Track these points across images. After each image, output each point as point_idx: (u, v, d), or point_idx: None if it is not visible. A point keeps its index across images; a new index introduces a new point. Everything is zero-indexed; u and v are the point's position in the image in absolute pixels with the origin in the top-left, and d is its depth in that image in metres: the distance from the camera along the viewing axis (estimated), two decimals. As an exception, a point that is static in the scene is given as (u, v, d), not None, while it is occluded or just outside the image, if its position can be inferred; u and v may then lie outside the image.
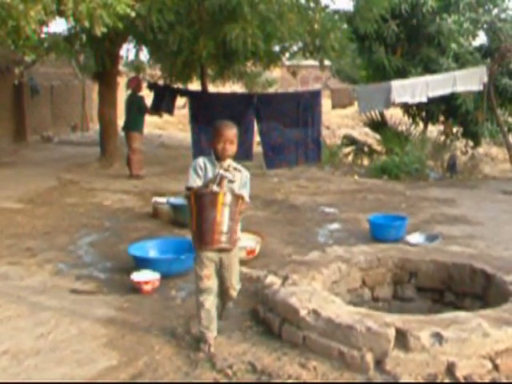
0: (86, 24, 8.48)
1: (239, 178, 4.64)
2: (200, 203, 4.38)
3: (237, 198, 4.47)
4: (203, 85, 16.77)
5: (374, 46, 15.42)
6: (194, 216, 4.41)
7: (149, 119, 14.89)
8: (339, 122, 25.93)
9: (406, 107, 16.45)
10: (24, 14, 7.82)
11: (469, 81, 12.76)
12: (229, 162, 4.62)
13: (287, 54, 15.65)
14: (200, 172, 4.53)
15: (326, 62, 14.37)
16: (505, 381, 3.79)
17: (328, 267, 5.41)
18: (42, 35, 11.34)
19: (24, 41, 9.26)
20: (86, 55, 16.31)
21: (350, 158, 16.44)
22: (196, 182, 4.51)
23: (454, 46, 15.51)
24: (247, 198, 4.64)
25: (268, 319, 4.86)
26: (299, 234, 8.14)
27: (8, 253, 7.19)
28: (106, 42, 12.36)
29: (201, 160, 4.60)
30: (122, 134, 13.18)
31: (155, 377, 4.19)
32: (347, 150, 16.74)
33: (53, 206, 9.69)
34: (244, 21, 10.34)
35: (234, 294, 4.78)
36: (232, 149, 4.58)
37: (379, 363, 4.16)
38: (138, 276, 5.91)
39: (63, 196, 10.59)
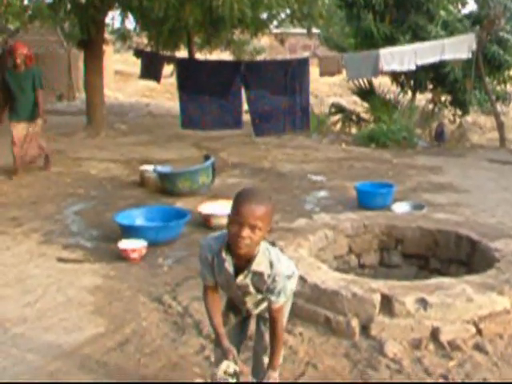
0: (70, -10, 8.39)
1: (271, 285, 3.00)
2: None
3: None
4: (190, 53, 16.70)
5: (362, 13, 15.31)
6: None
7: (136, 88, 14.79)
8: (327, 90, 25.83)
9: (395, 75, 16.38)
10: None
11: (457, 49, 12.68)
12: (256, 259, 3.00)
13: (275, 22, 15.58)
14: (210, 269, 3.10)
15: (314, 30, 14.32)
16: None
17: (315, 234, 5.42)
18: (25, 2, 11.20)
19: (6, 7, 9.18)
20: (70, 23, 16.10)
21: (338, 126, 16.40)
22: (207, 281, 3.14)
23: (442, 13, 15.43)
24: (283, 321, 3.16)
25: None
26: (286, 202, 8.14)
27: (-6, 222, 7.17)
28: (90, 9, 12.22)
29: (206, 249, 3.11)
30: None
31: (142, 343, 4.21)
32: (335, 118, 16.70)
33: (38, 176, 9.63)
34: (231, -14, 10.22)
35: None
36: (253, 239, 2.87)
37: (365, 328, 4.20)
38: (124, 244, 5.92)
39: (49, 165, 10.51)
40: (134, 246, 5.90)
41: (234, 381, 2.99)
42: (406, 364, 3.91)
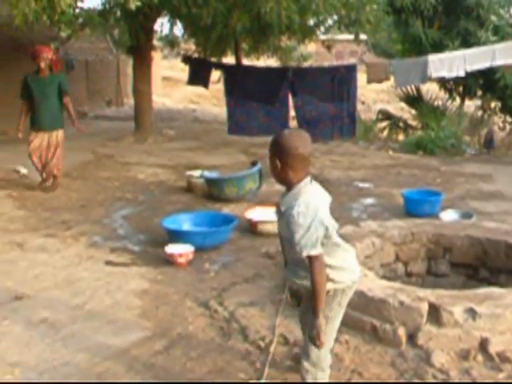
0: (121, -2, 8.54)
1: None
2: None
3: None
4: (237, 59, 16.75)
5: (410, 19, 15.18)
6: None
7: (183, 94, 14.92)
8: (375, 96, 25.71)
9: (443, 82, 16.21)
10: (59, -12, 7.88)
11: (509, 54, 12.46)
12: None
13: (322, 28, 15.52)
14: None
15: (362, 36, 14.23)
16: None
17: (361, 241, 5.39)
18: (77, 10, 11.40)
19: (59, 16, 9.31)
20: (120, 30, 16.34)
21: (385, 132, 16.30)
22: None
23: (493, 18, 15.17)
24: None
25: (301, 292, 4.87)
26: (333, 209, 8.00)
27: (44, 225, 7.31)
28: (140, 16, 12.39)
29: None
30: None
31: (188, 347, 4.24)
32: (382, 124, 16.60)
33: (88, 180, 9.80)
34: (278, -7, 10.25)
35: None
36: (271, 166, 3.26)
37: (411, 337, 4.16)
38: (172, 249, 5.96)
39: (98, 170, 10.71)
40: (181, 250, 5.94)
41: None
42: (454, 375, 3.86)
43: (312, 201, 3.13)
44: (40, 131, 8.72)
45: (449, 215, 7.31)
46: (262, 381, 3.52)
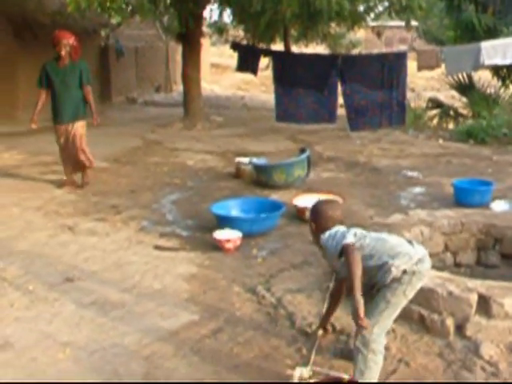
0: (171, -15, 8.59)
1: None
2: None
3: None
4: (286, 46, 16.72)
5: (463, 4, 14.89)
6: None
7: (232, 81, 14.95)
8: (425, 84, 25.32)
9: (496, 69, 15.82)
10: (111, -24, 7.98)
11: None
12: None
13: (372, 14, 15.36)
14: None
15: (413, 23, 14.04)
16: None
17: (410, 230, 5.34)
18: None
19: (110, 3, 9.39)
20: (169, 17, 16.43)
21: (435, 121, 16.02)
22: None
23: (551, 2, 14.77)
24: None
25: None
26: (381, 197, 8.06)
27: (94, 210, 7.44)
28: (189, 3, 12.46)
29: None
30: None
31: (235, 332, 4.29)
32: (432, 113, 16.33)
33: (137, 165, 9.93)
34: (329, -21, 10.19)
35: None
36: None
37: (459, 328, 4.13)
38: (220, 234, 6.01)
39: (147, 155, 10.83)
40: (229, 236, 5.98)
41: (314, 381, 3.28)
42: (503, 368, 3.81)
43: (334, 229, 3.61)
44: (62, 125, 8.20)
45: (500, 205, 7.20)
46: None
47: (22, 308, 4.71)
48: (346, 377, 3.32)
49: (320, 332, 3.85)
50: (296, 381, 3.34)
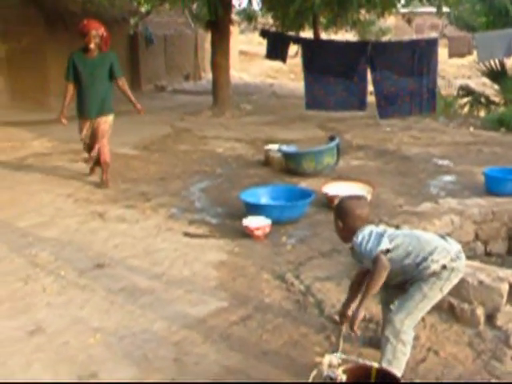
0: (201, -28, 8.58)
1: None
2: None
3: None
4: (315, 33, 16.66)
5: (496, -11, 14.70)
6: None
7: (260, 68, 14.95)
8: (456, 71, 25.07)
9: (529, 56, 15.62)
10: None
11: None
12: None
13: (402, 1, 15.23)
14: None
15: (444, 9, 13.88)
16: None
17: (440, 219, 5.30)
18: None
19: (140, -10, 9.42)
20: (198, 4, 16.47)
21: (466, 109, 15.87)
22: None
23: None
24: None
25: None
26: (411, 185, 8.01)
27: (124, 197, 7.50)
28: (219, -10, 12.44)
29: None
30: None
31: (264, 319, 4.30)
32: (463, 100, 16.18)
33: (166, 153, 9.97)
34: (359, -34, 10.11)
35: None
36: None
37: (490, 318, 4.09)
38: (249, 221, 6.02)
39: (176, 143, 10.87)
40: (258, 224, 5.99)
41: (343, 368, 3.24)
42: (534, 357, 3.78)
43: (366, 229, 3.50)
44: (86, 119, 7.82)
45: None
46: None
47: (54, 293, 4.77)
48: (375, 365, 3.32)
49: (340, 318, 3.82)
50: (325, 368, 3.34)
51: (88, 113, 7.75)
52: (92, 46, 7.54)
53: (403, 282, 3.53)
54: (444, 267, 3.40)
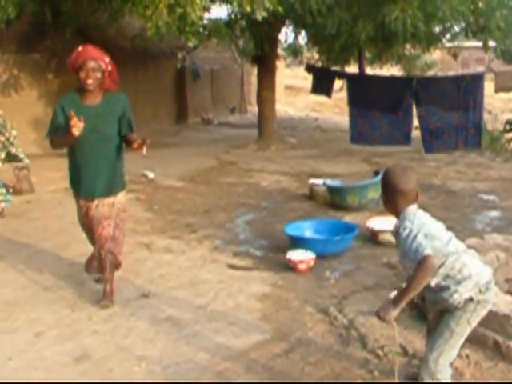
0: (248, 9, 8.78)
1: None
2: None
3: None
4: (361, 68, 16.72)
5: (544, 24, 14.55)
6: None
7: (305, 102, 15.06)
8: (502, 106, 24.74)
9: None
10: (191, 0, 8.20)
11: None
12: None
13: (448, 35, 15.21)
14: None
15: (490, 43, 13.81)
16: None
17: (485, 255, 5.25)
18: (205, 21, 11.78)
19: (189, 27, 9.64)
20: (245, 40, 16.74)
21: (513, 143, 15.68)
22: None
23: None
24: None
25: (421, 304, 4.82)
26: (456, 220, 7.93)
27: (170, 227, 7.62)
28: (265, 26, 12.63)
29: None
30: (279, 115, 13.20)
31: (307, 352, 4.31)
32: (510, 135, 15.98)
33: (212, 185, 10.10)
34: (404, 1, 10.21)
35: None
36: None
37: (536, 355, 4.03)
38: (293, 255, 6.04)
39: (222, 176, 11.00)
40: (302, 257, 6.01)
41: None
42: None
43: (416, 220, 3.32)
44: (88, 201, 5.07)
45: None
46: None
47: (100, 321, 4.87)
48: None
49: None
50: None
51: (90, 191, 5.05)
52: (90, 82, 4.82)
53: (432, 302, 3.43)
54: (470, 299, 3.27)
